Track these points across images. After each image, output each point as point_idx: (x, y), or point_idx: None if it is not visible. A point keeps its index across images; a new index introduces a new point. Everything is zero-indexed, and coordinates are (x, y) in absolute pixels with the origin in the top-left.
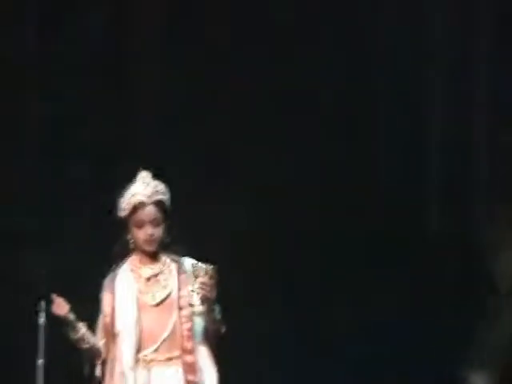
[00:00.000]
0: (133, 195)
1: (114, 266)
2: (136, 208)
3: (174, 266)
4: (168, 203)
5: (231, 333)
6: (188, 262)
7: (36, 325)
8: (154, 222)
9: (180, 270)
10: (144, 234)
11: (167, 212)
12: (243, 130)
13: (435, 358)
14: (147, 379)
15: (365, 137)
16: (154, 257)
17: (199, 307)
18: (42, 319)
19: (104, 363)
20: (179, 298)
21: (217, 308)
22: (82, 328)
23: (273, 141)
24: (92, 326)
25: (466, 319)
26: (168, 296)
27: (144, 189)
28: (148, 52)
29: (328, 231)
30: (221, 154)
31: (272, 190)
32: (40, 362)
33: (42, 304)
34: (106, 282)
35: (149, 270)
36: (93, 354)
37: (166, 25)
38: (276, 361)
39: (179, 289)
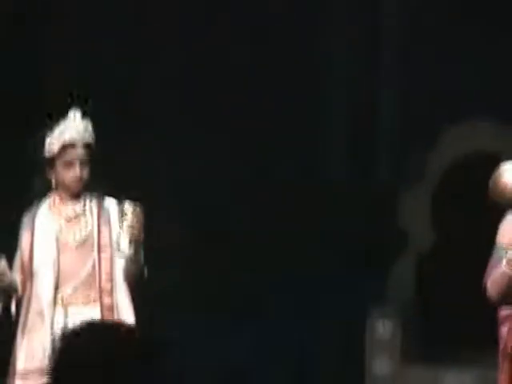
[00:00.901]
0: (63, 134)
1: (32, 204)
2: (65, 148)
3: (95, 206)
4: (94, 144)
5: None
6: (111, 202)
7: None
8: (83, 163)
9: (101, 211)
10: (73, 173)
11: (93, 152)
12: None
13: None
14: (64, 319)
15: None
16: (76, 197)
17: (126, 248)
18: None
19: (19, 301)
20: (100, 238)
21: (142, 251)
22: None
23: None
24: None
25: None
26: (88, 236)
27: (75, 129)
28: None
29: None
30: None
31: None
32: None
33: None
34: (25, 219)
35: (70, 209)
36: (9, 291)
37: None
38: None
39: (99, 230)
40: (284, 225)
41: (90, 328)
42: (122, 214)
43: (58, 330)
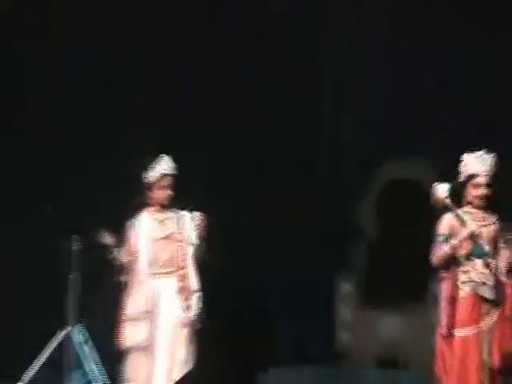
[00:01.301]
0: (160, 169)
1: (135, 213)
2: (162, 177)
3: (175, 216)
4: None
5: None
6: (184, 213)
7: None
8: (170, 187)
9: (179, 218)
10: (165, 193)
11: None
12: None
13: None
14: (155, 285)
15: None
16: (165, 208)
17: (195, 241)
18: (75, 247)
19: (128, 273)
20: (178, 234)
21: (204, 243)
22: (116, 251)
23: None
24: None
25: None
26: (171, 233)
27: (167, 165)
28: None
29: None
30: None
31: None
32: (73, 275)
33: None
34: (132, 221)
35: (160, 216)
36: (122, 267)
37: None
38: None
39: (178, 229)
40: (283, 221)
41: None
42: (192, 219)
43: (149, 291)
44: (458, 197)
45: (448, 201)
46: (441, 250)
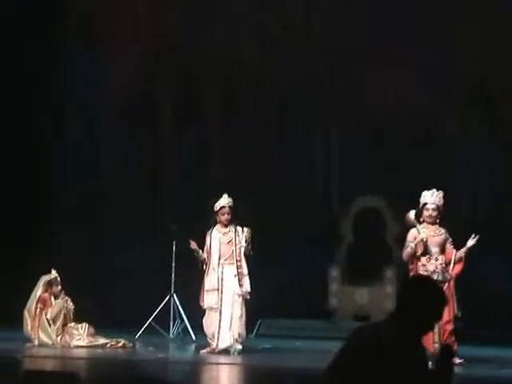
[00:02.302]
0: (220, 203)
1: (211, 226)
2: (222, 208)
3: (233, 229)
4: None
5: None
6: (240, 227)
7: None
8: (231, 213)
9: (236, 230)
10: (225, 218)
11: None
12: None
13: None
14: (222, 270)
15: None
16: (227, 225)
17: (245, 244)
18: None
19: (205, 264)
20: (236, 241)
21: (250, 245)
22: (199, 251)
23: None
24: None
25: None
26: (231, 239)
27: (226, 201)
28: None
29: None
30: None
31: None
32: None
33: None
34: (209, 232)
35: (224, 229)
36: (202, 260)
37: None
38: None
39: (235, 237)
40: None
41: None
42: (243, 232)
43: (219, 274)
44: (418, 217)
45: (413, 220)
46: (406, 250)
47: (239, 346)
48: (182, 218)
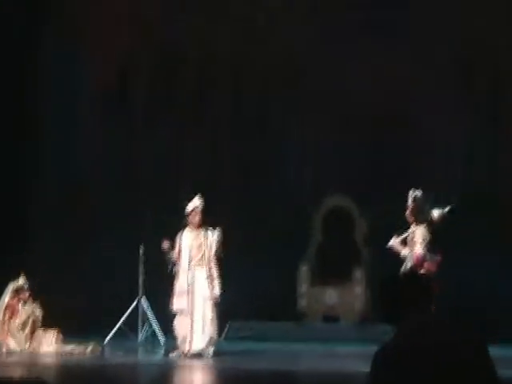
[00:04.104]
0: (191, 205)
1: (181, 229)
2: (193, 209)
3: (204, 231)
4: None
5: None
6: (211, 231)
7: None
8: (200, 214)
9: (207, 233)
10: (196, 220)
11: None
12: None
13: None
14: (193, 273)
15: None
16: (198, 226)
17: (215, 246)
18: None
19: (175, 265)
20: (206, 243)
21: (220, 247)
22: (171, 251)
23: None
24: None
25: None
26: (202, 241)
27: (197, 203)
28: None
29: None
30: None
31: None
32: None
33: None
34: (179, 234)
35: (196, 231)
36: (173, 262)
37: None
38: None
39: (207, 239)
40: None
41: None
42: (213, 234)
43: (189, 277)
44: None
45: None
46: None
47: (211, 349)
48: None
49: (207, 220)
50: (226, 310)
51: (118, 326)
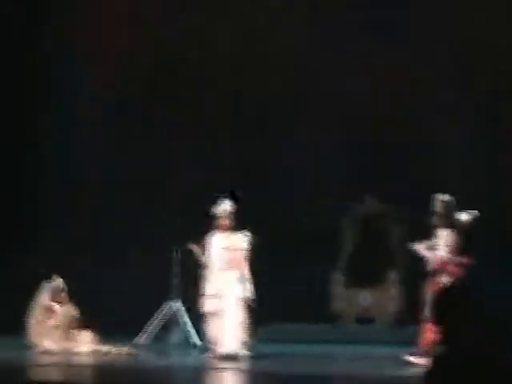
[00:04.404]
0: (220, 209)
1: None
2: (222, 213)
3: (234, 234)
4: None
5: None
6: (242, 233)
7: None
8: (229, 218)
9: (237, 236)
10: (225, 223)
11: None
12: None
13: None
14: (224, 276)
15: None
16: (227, 230)
17: (246, 248)
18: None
19: (206, 267)
20: (236, 244)
21: (250, 250)
22: (201, 255)
23: None
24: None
25: None
26: (232, 244)
27: (226, 206)
28: None
29: None
30: None
31: None
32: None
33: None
34: (208, 237)
35: (225, 234)
36: (202, 264)
37: None
38: None
39: (236, 242)
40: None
41: None
42: (244, 236)
43: (220, 279)
44: None
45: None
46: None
47: (244, 351)
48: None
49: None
50: (259, 313)
51: (152, 327)
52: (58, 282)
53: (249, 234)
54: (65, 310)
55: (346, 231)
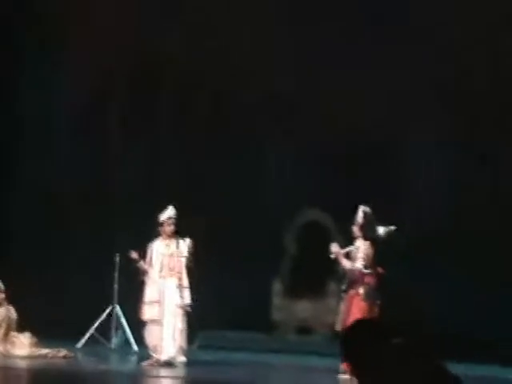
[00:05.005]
0: (166, 215)
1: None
2: (168, 219)
3: (176, 241)
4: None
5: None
6: (183, 240)
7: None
8: (173, 224)
9: (179, 242)
10: (170, 229)
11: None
12: None
13: None
14: (163, 282)
15: None
16: (172, 236)
17: (187, 255)
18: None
19: (146, 274)
20: (178, 251)
21: (190, 256)
22: (140, 261)
23: None
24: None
25: None
26: (174, 250)
27: (171, 213)
28: None
29: None
30: None
31: None
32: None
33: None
34: (150, 243)
35: (167, 241)
36: (143, 271)
37: None
38: None
39: (178, 249)
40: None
41: None
42: (185, 243)
43: (160, 286)
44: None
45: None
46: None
47: (183, 358)
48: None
49: (180, 231)
50: (199, 320)
51: (91, 331)
52: None
53: (190, 240)
54: (3, 312)
55: (288, 240)
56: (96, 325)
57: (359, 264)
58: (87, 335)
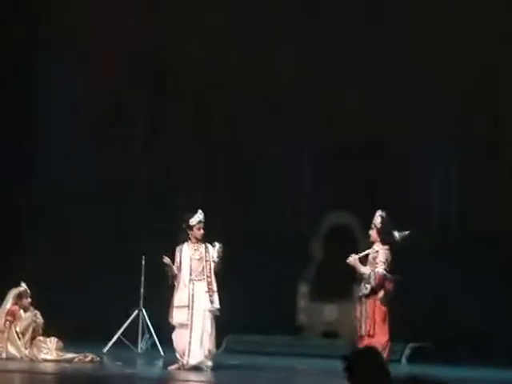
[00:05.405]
0: (196, 218)
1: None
2: (198, 223)
3: (205, 245)
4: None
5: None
6: (212, 245)
7: None
8: (203, 229)
9: (207, 247)
10: (200, 233)
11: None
12: None
13: None
14: (193, 287)
15: None
16: (201, 240)
17: (216, 259)
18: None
19: (175, 278)
20: (207, 255)
21: (220, 261)
22: (172, 266)
23: None
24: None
25: None
26: (203, 255)
27: (201, 217)
28: None
29: None
30: None
31: None
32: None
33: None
34: (179, 248)
35: (196, 245)
36: (173, 276)
37: None
38: None
39: (207, 253)
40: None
41: None
42: (214, 248)
43: (189, 290)
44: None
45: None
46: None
47: (210, 363)
48: (152, 233)
49: (207, 234)
50: (226, 323)
51: (117, 335)
52: (23, 287)
53: (220, 245)
54: (30, 317)
55: (314, 244)
56: (122, 329)
57: (380, 269)
58: (113, 339)
